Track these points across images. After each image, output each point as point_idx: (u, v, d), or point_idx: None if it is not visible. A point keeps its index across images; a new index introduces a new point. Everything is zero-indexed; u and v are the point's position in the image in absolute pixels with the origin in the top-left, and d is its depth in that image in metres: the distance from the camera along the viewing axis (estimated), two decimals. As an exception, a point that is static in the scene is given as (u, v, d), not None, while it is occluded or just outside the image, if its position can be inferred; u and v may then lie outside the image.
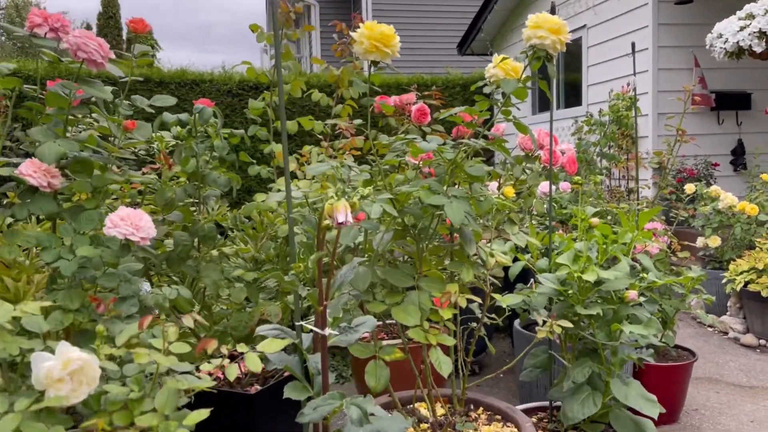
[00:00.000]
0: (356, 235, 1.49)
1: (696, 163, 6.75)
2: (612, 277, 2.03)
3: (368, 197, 1.48)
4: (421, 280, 1.70)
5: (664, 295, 2.99)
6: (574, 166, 2.58)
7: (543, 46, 1.75)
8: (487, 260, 1.77)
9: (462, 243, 1.72)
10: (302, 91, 2.65)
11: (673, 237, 2.82)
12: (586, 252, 2.15)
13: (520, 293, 2.28)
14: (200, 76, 9.70)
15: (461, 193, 1.64)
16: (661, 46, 6.90)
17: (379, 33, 1.62)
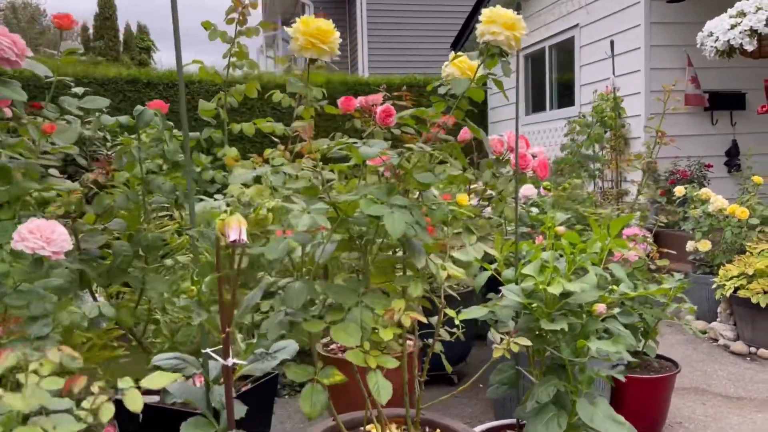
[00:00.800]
0: (284, 250, 1.37)
1: (689, 165, 6.62)
2: (578, 290, 1.90)
3: (298, 208, 1.35)
4: (367, 296, 1.58)
5: (644, 304, 2.86)
6: (544, 170, 2.45)
7: (497, 43, 1.62)
8: (438, 273, 1.64)
9: (410, 255, 1.59)
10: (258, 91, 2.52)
11: (652, 244, 2.69)
12: (553, 262, 2.02)
13: (486, 305, 2.15)
14: (189, 77, 9.58)
15: (405, 203, 1.52)
16: (654, 45, 6.77)
17: (315, 28, 1.49)
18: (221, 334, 1.13)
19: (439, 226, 1.96)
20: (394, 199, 1.52)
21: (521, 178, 2.54)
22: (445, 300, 2.95)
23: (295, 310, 1.48)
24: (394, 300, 1.56)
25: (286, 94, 2.79)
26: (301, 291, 1.49)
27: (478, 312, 2.12)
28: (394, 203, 1.50)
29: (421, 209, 1.72)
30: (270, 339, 1.47)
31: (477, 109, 10.72)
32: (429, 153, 1.90)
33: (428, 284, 1.99)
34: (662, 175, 6.74)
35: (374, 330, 1.57)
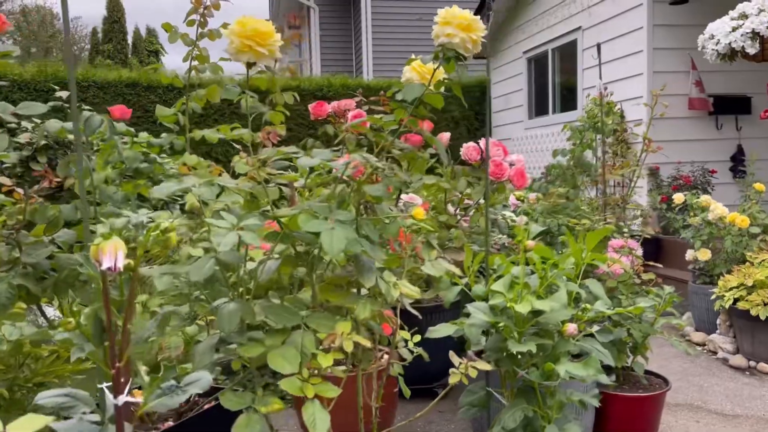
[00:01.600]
0: (210, 270, 1.26)
1: (693, 170, 6.47)
2: (547, 309, 1.79)
3: (225, 224, 1.24)
4: (311, 317, 1.47)
5: (630, 319, 2.73)
6: (522, 179, 2.33)
7: (452, 45, 1.51)
8: (389, 292, 1.53)
9: (358, 273, 1.48)
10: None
11: (638, 257, 2.56)
12: (523, 278, 1.91)
13: (455, 322, 2.04)
14: (190, 80, 9.48)
15: (348, 217, 1.41)
16: (656, 48, 6.63)
17: (252, 30, 1.39)
18: (110, 369, 1.02)
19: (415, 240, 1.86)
20: (336, 213, 1.41)
21: (498, 187, 2.43)
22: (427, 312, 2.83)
23: (227, 334, 1.37)
24: (339, 322, 1.45)
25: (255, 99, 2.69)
26: (233, 313, 1.38)
27: (447, 330, 2.01)
28: (337, 218, 1.39)
29: (374, 224, 1.61)
30: (200, 366, 1.36)
31: (480, 113, 10.60)
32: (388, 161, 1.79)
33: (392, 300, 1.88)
34: (665, 181, 6.59)
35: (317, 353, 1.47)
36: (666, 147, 6.61)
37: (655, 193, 6.50)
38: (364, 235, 1.54)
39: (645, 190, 6.67)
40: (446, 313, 2.79)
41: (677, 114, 6.67)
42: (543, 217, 3.46)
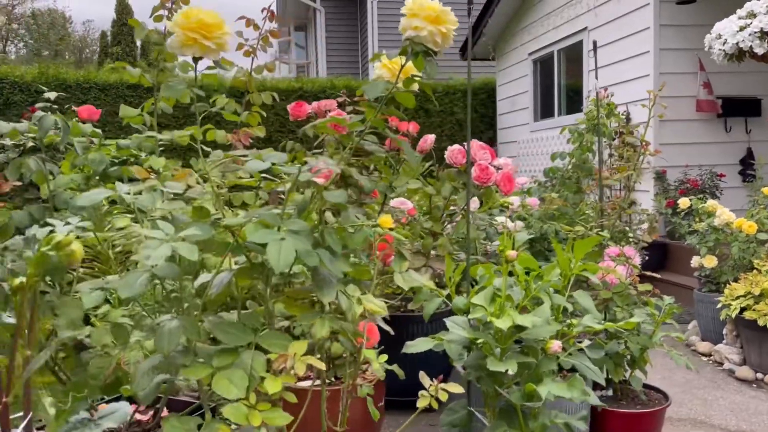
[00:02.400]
0: (143, 286, 1.14)
1: (701, 174, 6.30)
2: (529, 324, 1.66)
3: (159, 236, 1.13)
4: (264, 336, 1.35)
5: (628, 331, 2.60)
6: (510, 184, 2.20)
7: (420, 39, 1.38)
8: (351, 310, 1.40)
9: (316, 288, 1.36)
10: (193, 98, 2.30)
11: (635, 266, 2.43)
12: (505, 290, 1.78)
13: (434, 337, 1.91)
14: (191, 81, 9.38)
15: (302, 227, 1.28)
16: (663, 49, 6.48)
17: (197, 21, 1.27)
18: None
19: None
20: (290, 222, 1.29)
21: (485, 192, 2.30)
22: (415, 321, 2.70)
23: (166, 355, 1.25)
24: (294, 342, 1.33)
25: (232, 99, 2.58)
26: (175, 331, 1.26)
27: (425, 345, 1.88)
28: (290, 228, 1.27)
29: (339, 233, 1.49)
30: (139, 389, 1.25)
31: (486, 115, 10.46)
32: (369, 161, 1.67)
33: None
34: (672, 185, 6.43)
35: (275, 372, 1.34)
36: (673, 150, 6.45)
37: (662, 197, 6.34)
38: (327, 246, 1.42)
39: (651, 193, 6.52)
40: (437, 323, 2.67)
41: (685, 116, 6.51)
42: (539, 222, 3.33)
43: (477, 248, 2.68)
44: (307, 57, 17.58)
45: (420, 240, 2.42)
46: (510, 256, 1.74)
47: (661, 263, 6.28)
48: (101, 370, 1.91)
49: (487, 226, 2.55)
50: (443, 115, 10.22)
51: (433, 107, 10.10)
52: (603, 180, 2.74)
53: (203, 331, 1.36)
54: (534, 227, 3.36)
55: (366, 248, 1.57)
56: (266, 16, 2.36)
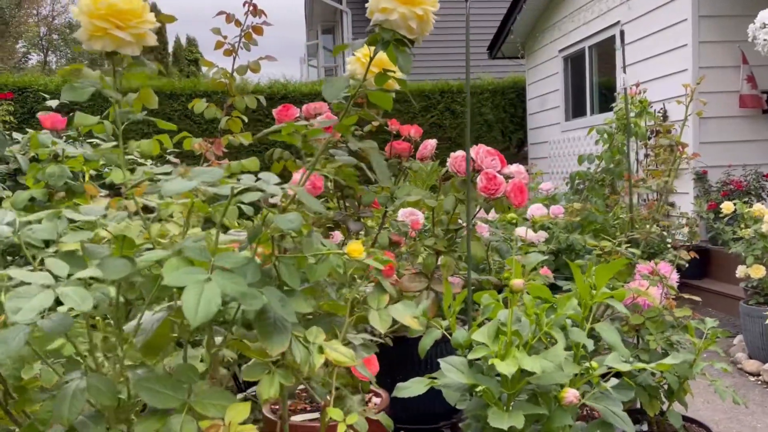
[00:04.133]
0: (18, 347, 0.89)
1: (745, 174, 5.88)
2: (538, 370, 1.36)
3: (39, 280, 0.87)
4: (200, 396, 1.09)
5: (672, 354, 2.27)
6: (521, 195, 1.90)
7: (390, 24, 1.11)
8: (311, 361, 1.13)
9: (260, 336, 1.09)
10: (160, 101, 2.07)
11: (671, 287, 2.10)
12: (511, 326, 1.49)
13: (431, 376, 1.63)
14: (214, 86, 9.24)
15: (239, 262, 1.02)
16: (703, 42, 6.07)
17: (108, 7, 1.01)
18: None
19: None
20: (222, 257, 1.02)
21: (496, 204, 2.01)
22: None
23: (66, 425, 1.00)
24: (232, 406, 1.06)
25: (213, 104, 2.35)
26: (79, 395, 1.01)
27: (418, 387, 1.60)
28: (218, 264, 1.01)
29: (300, 263, 1.22)
30: None
31: (515, 115, 10.11)
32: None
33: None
34: (714, 186, 6.02)
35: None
36: (715, 149, 6.04)
37: (703, 199, 5.93)
38: (280, 282, 1.16)
39: (691, 196, 6.11)
40: (446, 347, 2.39)
41: (727, 113, 6.09)
42: (564, 233, 3.02)
43: (491, 267, 2.38)
44: (334, 60, 17.38)
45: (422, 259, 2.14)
46: (515, 286, 1.44)
47: (703, 270, 5.87)
48: (49, 414, 1.67)
49: (499, 241, 2.26)
50: (470, 115, 9.89)
51: (459, 108, 9.77)
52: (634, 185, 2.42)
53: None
54: (560, 238, 3.04)
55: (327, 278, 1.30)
56: (248, 10, 2.11)
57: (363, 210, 2.32)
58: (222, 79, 2.29)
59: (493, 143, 10.06)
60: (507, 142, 10.19)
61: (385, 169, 1.14)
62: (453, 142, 9.84)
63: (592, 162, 3.21)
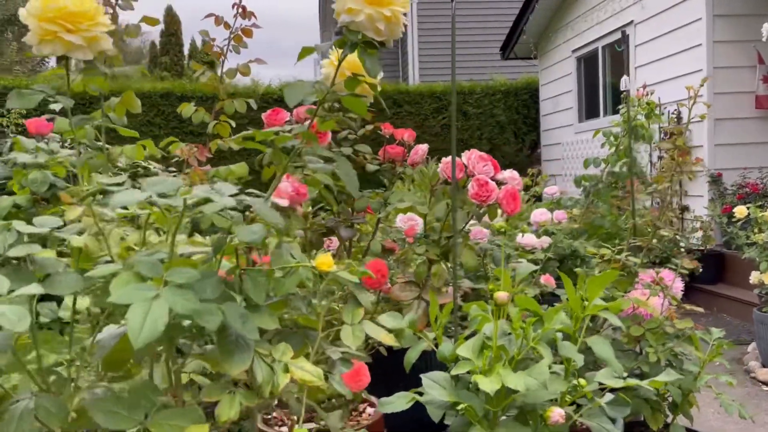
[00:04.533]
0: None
1: (761, 177, 5.74)
2: (521, 387, 1.30)
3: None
4: (158, 416, 1.03)
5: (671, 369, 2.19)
6: (514, 202, 1.83)
7: (356, 26, 1.05)
8: (275, 380, 1.07)
9: (220, 354, 1.04)
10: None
11: (673, 297, 2.02)
12: (496, 340, 1.42)
13: (414, 391, 1.56)
14: (224, 89, 9.25)
15: (193, 277, 0.96)
16: (717, 41, 5.94)
17: (57, 9, 0.96)
18: None
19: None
20: (176, 272, 0.97)
21: (490, 210, 1.94)
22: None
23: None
24: (191, 428, 1.01)
25: (202, 108, 2.30)
26: (26, 416, 0.96)
27: (402, 404, 1.53)
28: (171, 279, 0.95)
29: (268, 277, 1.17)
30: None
31: (528, 117, 10.01)
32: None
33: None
34: (729, 189, 5.89)
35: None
36: (730, 151, 5.92)
37: (717, 202, 5.81)
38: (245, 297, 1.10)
39: (706, 199, 5.99)
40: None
41: (743, 114, 5.96)
42: (568, 238, 2.94)
43: (488, 274, 2.31)
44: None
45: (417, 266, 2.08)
46: (499, 299, 1.38)
47: (718, 275, 5.74)
48: None
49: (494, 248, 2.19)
50: (483, 117, 9.80)
51: (471, 109, 9.68)
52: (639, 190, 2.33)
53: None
54: (563, 244, 2.96)
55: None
56: (237, 12, 2.06)
57: (356, 216, 2.26)
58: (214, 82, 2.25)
59: (506, 145, 9.97)
60: (520, 144, 10.08)
61: (353, 179, 1.07)
62: (465, 144, 9.75)
63: (598, 165, 3.13)
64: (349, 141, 2.36)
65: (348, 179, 1.07)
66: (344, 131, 2.41)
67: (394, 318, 1.67)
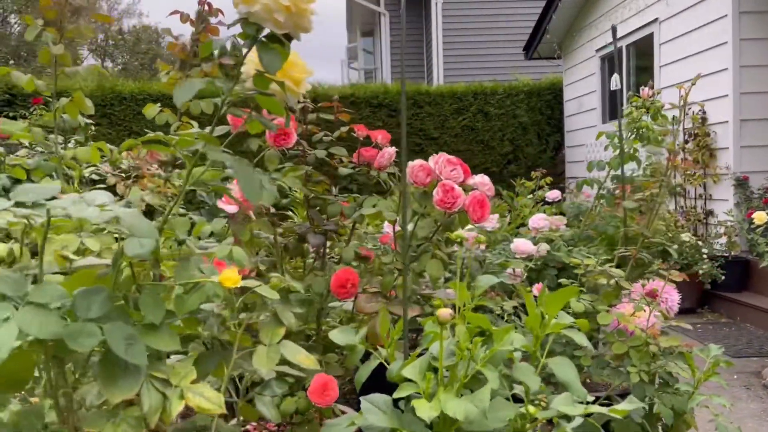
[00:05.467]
0: None
1: (789, 180, 5.48)
2: (461, 415, 1.18)
3: None
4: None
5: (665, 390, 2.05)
6: (482, 209, 1.71)
7: (254, 18, 0.94)
8: (167, 407, 0.97)
9: (100, 378, 0.94)
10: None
11: (661, 311, 1.87)
12: (443, 361, 1.30)
13: (356, 417, 1.45)
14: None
15: (55, 295, 0.87)
16: (744, 39, 5.69)
17: None
18: None
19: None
20: (39, 290, 0.87)
21: (460, 218, 1.82)
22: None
23: None
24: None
25: (165, 109, 2.22)
26: None
27: (338, 429, 1.42)
28: (32, 299, 0.86)
29: (158, 294, 1.07)
30: None
31: (552, 118, 9.80)
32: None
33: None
34: (755, 193, 5.63)
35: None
36: (757, 153, 5.67)
37: (743, 207, 5.56)
38: (140, 314, 1.01)
39: (731, 203, 5.74)
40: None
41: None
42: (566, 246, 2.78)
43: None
44: (374, 62, 17.26)
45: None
46: (441, 317, 1.26)
47: (743, 283, 5.50)
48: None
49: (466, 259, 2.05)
50: (504, 118, 9.60)
51: (493, 110, 9.50)
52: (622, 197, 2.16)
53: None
54: (561, 251, 2.82)
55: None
56: (203, 9, 1.98)
57: (327, 222, 2.16)
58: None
59: (529, 146, 9.76)
60: (543, 145, 9.87)
61: (252, 183, 0.96)
62: (486, 145, 9.59)
63: (602, 168, 2.98)
64: (323, 143, 2.26)
65: (246, 183, 0.96)
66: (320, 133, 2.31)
67: (346, 333, 1.56)
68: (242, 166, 0.97)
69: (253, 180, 0.97)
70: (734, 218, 5.30)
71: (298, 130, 2.27)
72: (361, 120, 9.27)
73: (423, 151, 9.18)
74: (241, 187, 0.96)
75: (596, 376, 1.93)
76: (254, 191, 0.96)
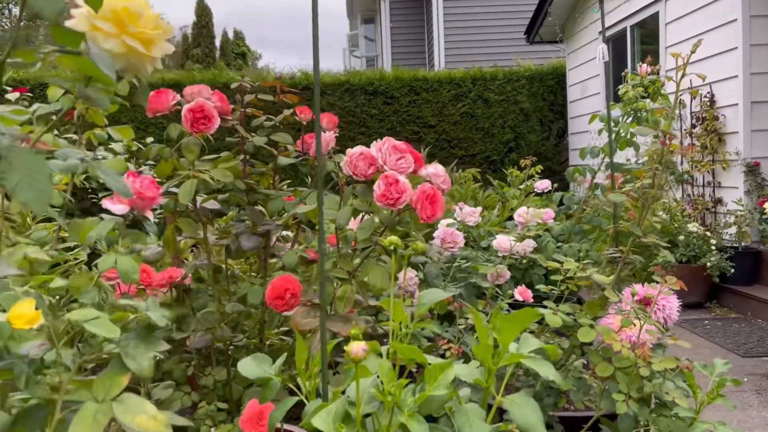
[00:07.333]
0: None
1: (803, 166, 5.14)
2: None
3: None
4: None
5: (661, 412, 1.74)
6: (432, 206, 1.40)
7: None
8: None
9: None
10: None
11: (654, 323, 1.56)
12: (360, 407, 1.01)
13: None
14: (232, 78, 8.95)
15: None
16: (754, 16, 5.33)
17: None
18: None
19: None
20: None
21: (413, 217, 1.52)
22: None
23: None
24: None
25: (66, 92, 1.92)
26: None
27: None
28: None
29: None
30: None
31: (555, 103, 9.46)
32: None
33: None
34: (767, 179, 5.29)
35: None
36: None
37: (754, 194, 5.22)
38: None
39: (741, 191, 5.40)
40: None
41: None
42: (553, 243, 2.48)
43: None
44: (375, 49, 16.90)
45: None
46: (353, 354, 0.96)
47: (754, 275, 5.16)
48: None
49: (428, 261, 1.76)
50: (505, 104, 9.25)
51: (493, 96, 9.15)
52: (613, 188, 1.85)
53: None
54: (548, 249, 2.51)
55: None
56: None
57: (266, 221, 1.86)
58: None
59: (531, 133, 9.42)
60: (546, 132, 9.52)
61: (38, 182, 0.67)
62: (486, 133, 9.24)
63: (596, 156, 2.67)
64: (264, 129, 1.97)
65: (24, 180, 0.66)
66: (262, 117, 2.02)
67: (260, 363, 1.27)
68: (19, 157, 0.66)
69: (37, 175, 0.66)
70: (744, 207, 4.97)
71: (235, 114, 1.98)
72: (356, 107, 8.96)
73: (421, 140, 8.85)
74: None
75: (577, 403, 1.63)
76: (37, 191, 0.65)
